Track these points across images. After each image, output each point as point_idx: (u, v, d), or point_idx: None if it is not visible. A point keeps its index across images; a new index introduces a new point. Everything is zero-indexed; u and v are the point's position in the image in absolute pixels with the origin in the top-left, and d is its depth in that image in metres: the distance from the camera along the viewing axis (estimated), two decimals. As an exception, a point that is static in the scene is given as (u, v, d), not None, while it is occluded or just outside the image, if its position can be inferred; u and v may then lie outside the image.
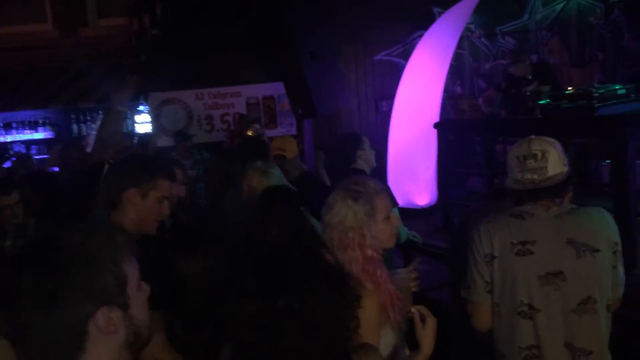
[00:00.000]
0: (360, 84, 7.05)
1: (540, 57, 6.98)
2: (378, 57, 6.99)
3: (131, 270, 1.00)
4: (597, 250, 1.82)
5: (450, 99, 5.55)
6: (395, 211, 2.58)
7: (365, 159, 3.42)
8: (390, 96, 6.42)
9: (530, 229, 1.86)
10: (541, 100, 4.52)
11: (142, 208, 1.86)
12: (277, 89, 6.72)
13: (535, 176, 1.86)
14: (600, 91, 4.23)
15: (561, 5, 7.29)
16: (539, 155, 1.86)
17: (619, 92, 4.25)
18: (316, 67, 6.34)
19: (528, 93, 4.55)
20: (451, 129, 5.41)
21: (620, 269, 1.91)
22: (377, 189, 1.74)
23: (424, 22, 6.21)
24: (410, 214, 5.12)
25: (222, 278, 1.48)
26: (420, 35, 6.07)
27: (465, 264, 2.02)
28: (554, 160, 1.86)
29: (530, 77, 5.16)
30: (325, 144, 5.77)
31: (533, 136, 1.94)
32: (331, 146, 3.67)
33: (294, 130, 6.95)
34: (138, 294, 1.01)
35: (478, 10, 6.44)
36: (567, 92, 4.40)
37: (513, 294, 1.86)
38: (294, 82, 5.96)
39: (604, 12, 7.35)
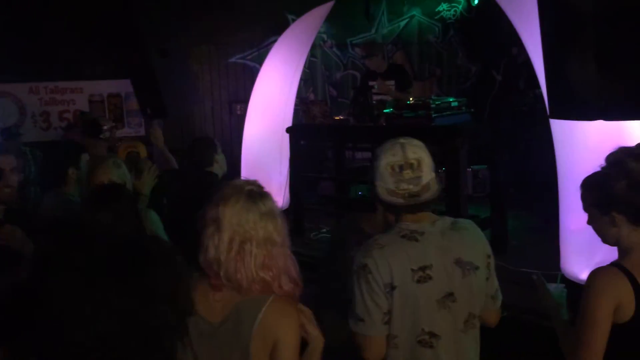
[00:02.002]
0: (214, 86, 6.92)
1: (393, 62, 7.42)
2: (232, 59, 6.92)
3: None
4: (478, 268, 1.80)
5: (302, 104, 5.66)
6: None
7: (220, 164, 3.40)
8: (244, 100, 6.39)
9: (426, 251, 1.75)
10: (386, 109, 4.79)
11: None
12: (124, 86, 6.34)
13: (412, 186, 1.75)
14: (437, 103, 4.58)
15: (404, 22, 7.82)
16: (415, 164, 1.76)
17: (453, 104, 4.64)
18: (167, 66, 6.11)
19: (374, 102, 4.79)
20: (303, 134, 5.51)
21: (494, 281, 1.88)
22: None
23: (278, 27, 6.28)
24: (262, 218, 5.11)
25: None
26: (275, 41, 6.12)
27: (344, 287, 1.83)
28: (426, 168, 1.78)
29: (383, 73, 5.42)
30: (177, 146, 5.55)
31: (402, 140, 1.81)
32: (186, 149, 3.55)
33: (142, 131, 6.61)
34: None
35: (330, 21, 6.67)
36: (408, 102, 4.71)
37: (414, 323, 1.74)
38: (142, 81, 5.69)
39: (441, 32, 8.02)
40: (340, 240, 2.32)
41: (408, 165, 1.75)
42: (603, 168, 1.70)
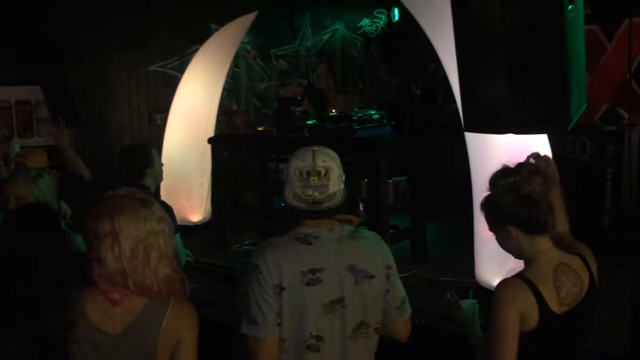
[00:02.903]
0: (132, 95, 6.69)
1: (310, 81, 7.47)
2: (153, 67, 6.73)
3: None
4: (373, 277, 1.81)
5: (224, 114, 5.58)
6: (178, 237, 2.44)
7: (154, 177, 3.20)
8: (165, 109, 6.21)
9: (318, 255, 1.77)
10: (309, 120, 4.82)
11: None
12: (34, 93, 5.98)
13: (317, 193, 1.79)
14: (359, 115, 4.67)
15: (328, 35, 7.93)
16: (323, 172, 1.79)
17: (374, 117, 4.75)
18: (83, 73, 5.84)
19: (297, 113, 4.80)
20: (225, 145, 5.44)
21: (398, 293, 1.88)
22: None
23: (201, 36, 6.18)
24: (183, 231, 4.96)
25: None
26: (197, 50, 6.01)
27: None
28: (335, 177, 1.81)
29: (300, 97, 5.47)
30: (93, 157, 5.30)
31: (315, 147, 1.85)
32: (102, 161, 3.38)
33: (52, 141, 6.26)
34: None
35: (254, 32, 6.64)
36: (331, 114, 4.76)
37: (302, 326, 1.75)
38: (54, 88, 5.41)
39: (364, 46, 8.20)
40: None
41: (315, 172, 1.79)
42: (491, 189, 1.81)
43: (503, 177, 1.78)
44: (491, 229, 1.85)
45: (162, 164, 3.32)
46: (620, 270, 3.00)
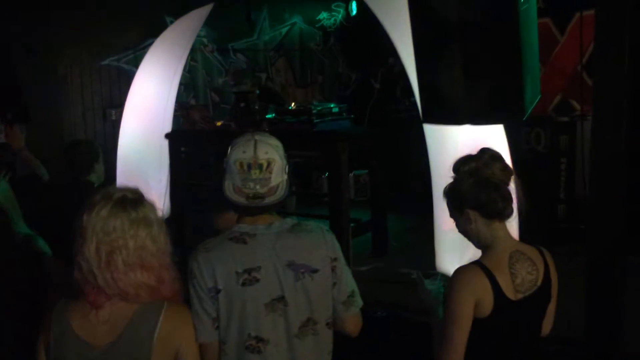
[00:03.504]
0: (85, 90, 6.48)
1: (269, 76, 7.41)
2: (106, 62, 6.54)
3: None
4: (316, 271, 1.75)
5: (182, 109, 5.48)
6: None
7: (99, 173, 3.22)
8: (119, 104, 6.04)
9: (254, 253, 1.71)
10: (268, 114, 4.77)
11: None
12: (-20, 89, 5.73)
13: (258, 187, 1.71)
14: (318, 109, 4.65)
15: (286, 29, 7.88)
16: (265, 165, 1.71)
17: (334, 110, 4.73)
18: (32, 67, 5.62)
19: (256, 107, 4.75)
20: (183, 140, 5.34)
21: (344, 286, 1.82)
22: None
23: (155, 29, 6.02)
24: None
25: None
26: (151, 43, 5.86)
27: None
28: (277, 169, 1.73)
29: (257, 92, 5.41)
30: (44, 155, 5.12)
31: (258, 136, 1.75)
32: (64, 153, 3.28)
33: (2, 138, 6.01)
34: None
35: (211, 25, 6.53)
36: (290, 108, 4.73)
37: (241, 327, 1.70)
38: (2, 82, 5.19)
39: (322, 39, 8.18)
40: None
41: (257, 165, 1.71)
42: (454, 175, 1.84)
43: (465, 162, 1.81)
44: (452, 215, 1.87)
45: (102, 165, 3.29)
46: (574, 259, 3.10)
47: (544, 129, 5.08)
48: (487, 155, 1.81)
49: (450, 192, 1.84)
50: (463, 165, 1.81)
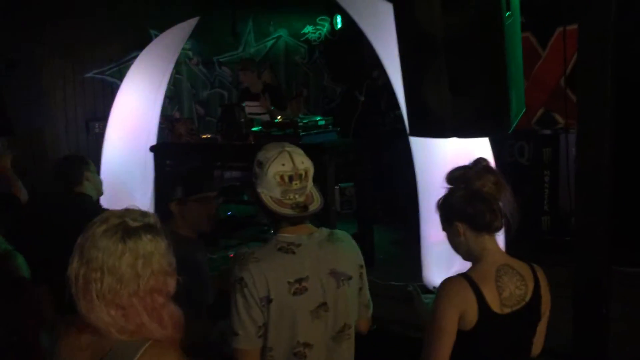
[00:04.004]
0: (68, 103, 6.41)
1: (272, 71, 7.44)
2: (90, 74, 6.48)
3: None
4: (351, 278, 1.84)
5: (167, 122, 5.44)
6: None
7: (93, 183, 3.15)
8: (103, 117, 5.98)
9: (302, 263, 1.77)
10: (254, 127, 4.76)
11: None
12: (-40, 101, 5.64)
13: (297, 196, 1.75)
14: (304, 121, 4.65)
15: (271, 42, 7.90)
16: (303, 174, 1.77)
17: (320, 123, 4.74)
18: (14, 79, 5.55)
19: (242, 120, 4.74)
20: (168, 153, 5.29)
21: (366, 290, 1.94)
22: None
23: (140, 42, 6.00)
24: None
25: None
26: (136, 56, 5.83)
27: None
28: (311, 177, 1.81)
29: (261, 92, 5.44)
30: (27, 169, 5.04)
31: (287, 147, 1.80)
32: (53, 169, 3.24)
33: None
34: None
35: (196, 38, 6.52)
36: (276, 120, 4.72)
37: (291, 335, 1.76)
38: (-18, 95, 5.11)
39: (307, 53, 8.21)
40: None
41: (297, 175, 1.76)
42: (447, 185, 1.85)
43: (457, 171, 1.83)
44: (443, 227, 1.87)
45: (101, 179, 3.24)
46: (557, 270, 3.11)
47: (528, 142, 5.13)
48: (481, 166, 1.81)
49: (442, 204, 1.84)
50: (454, 174, 1.83)
